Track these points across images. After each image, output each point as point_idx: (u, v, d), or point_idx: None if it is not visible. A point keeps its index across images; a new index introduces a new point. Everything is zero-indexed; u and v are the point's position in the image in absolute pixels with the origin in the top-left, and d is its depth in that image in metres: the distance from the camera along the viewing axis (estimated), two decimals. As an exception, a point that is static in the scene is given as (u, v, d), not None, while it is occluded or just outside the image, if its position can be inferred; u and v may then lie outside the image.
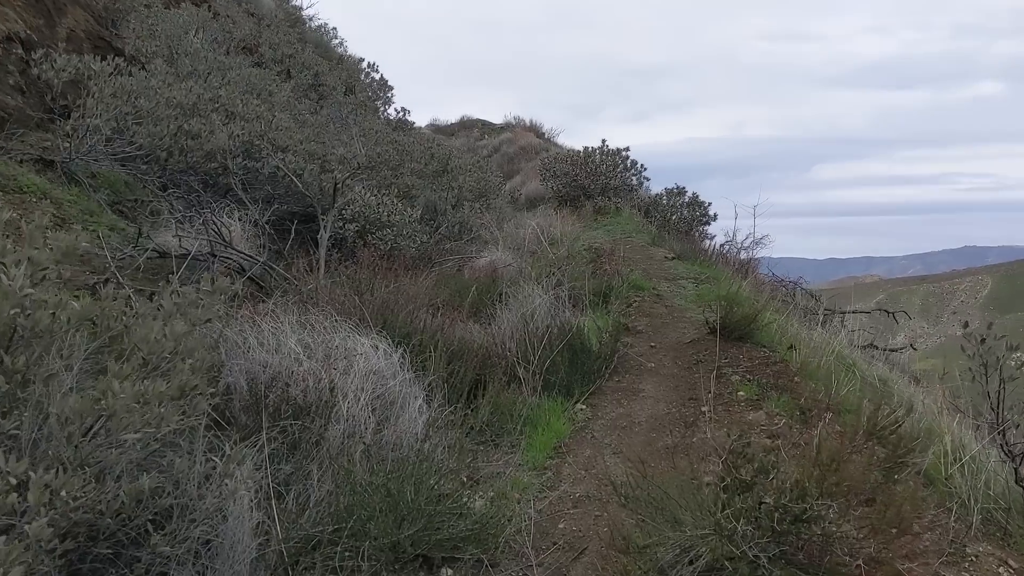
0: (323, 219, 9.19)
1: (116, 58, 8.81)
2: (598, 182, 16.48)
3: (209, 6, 13.69)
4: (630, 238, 12.43)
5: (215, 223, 7.70)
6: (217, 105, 9.94)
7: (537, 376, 5.87)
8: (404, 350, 5.36)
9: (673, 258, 10.49)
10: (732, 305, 6.50)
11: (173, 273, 6.57)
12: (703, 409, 5.24)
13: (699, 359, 6.24)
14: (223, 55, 12.06)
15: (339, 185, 9.50)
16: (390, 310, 5.96)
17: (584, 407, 5.71)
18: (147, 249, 6.99)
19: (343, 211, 9.69)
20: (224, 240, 7.71)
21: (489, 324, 7.58)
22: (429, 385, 5.13)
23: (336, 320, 5.24)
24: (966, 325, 4.38)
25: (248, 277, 7.43)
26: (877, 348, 8.81)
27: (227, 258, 7.61)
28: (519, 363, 5.97)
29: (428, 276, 8.79)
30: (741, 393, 5.32)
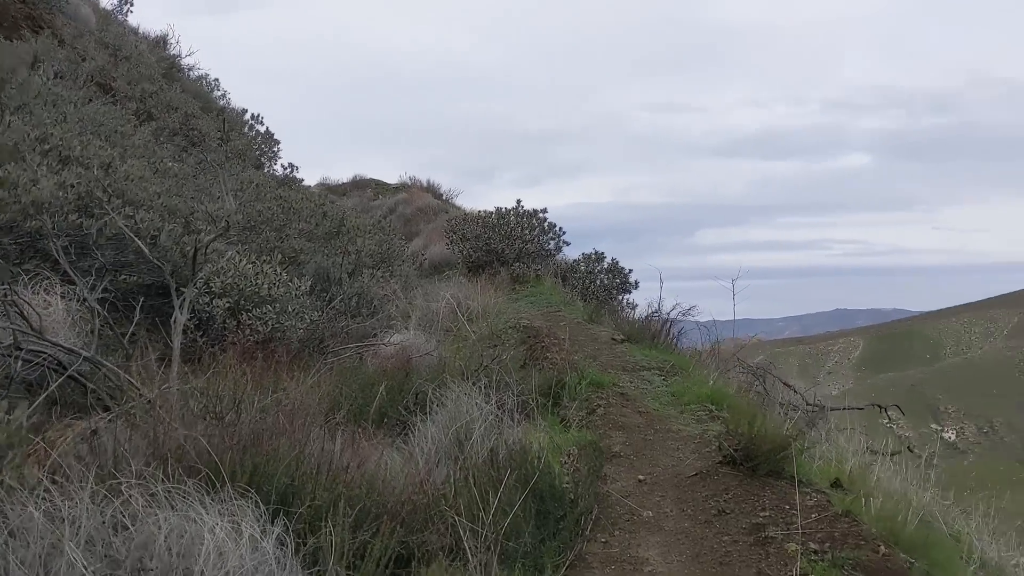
0: (181, 293, 7.03)
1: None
2: (513, 246, 14.74)
3: (54, 33, 11.36)
4: (559, 312, 10.61)
5: (17, 303, 5.49)
6: (47, 147, 7.73)
7: (491, 543, 3.88)
8: (286, 525, 3.33)
9: (623, 340, 8.71)
10: (751, 423, 4.70)
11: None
12: (757, 606, 3.36)
13: (720, 507, 4.37)
14: (65, 90, 9.79)
15: (203, 249, 7.36)
16: (263, 449, 3.88)
17: (565, 593, 3.75)
18: (-92, 345, 4.75)
19: (210, 283, 7.55)
20: (32, 327, 5.50)
21: (406, 439, 5.62)
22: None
23: (169, 481, 3.16)
24: None
25: (69, 377, 5.27)
26: (876, 452, 7.22)
27: (38, 352, 5.39)
28: (460, 519, 3.97)
29: (320, 371, 6.73)
30: (813, 579, 3.48)
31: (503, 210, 15.89)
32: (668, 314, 10.63)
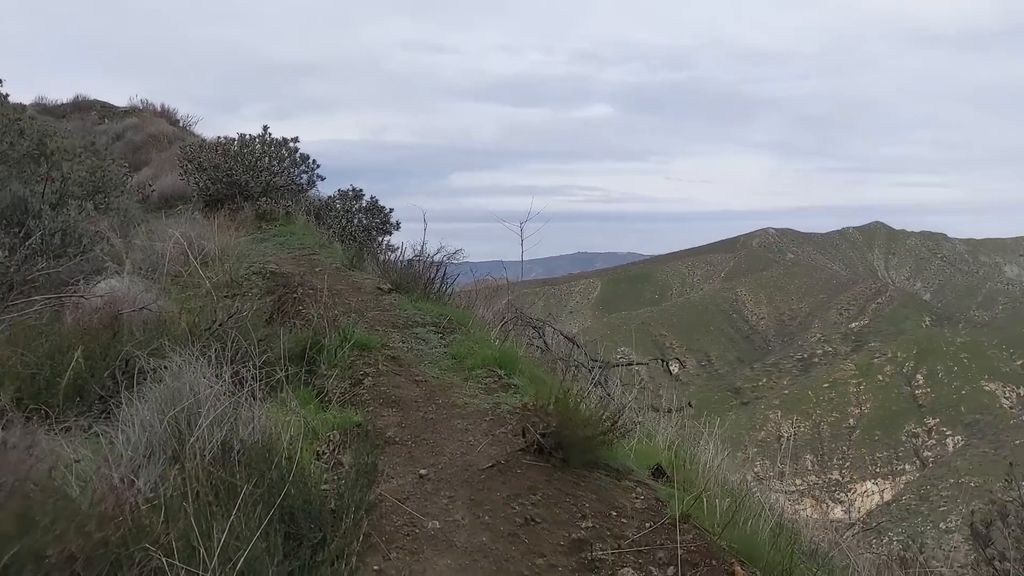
0: None
1: None
2: (260, 179, 13.03)
3: None
4: (314, 255, 9.26)
5: None
6: None
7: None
8: None
9: (391, 290, 7.56)
10: (562, 401, 3.79)
11: None
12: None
13: (527, 513, 3.42)
14: None
15: None
16: None
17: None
18: None
19: None
20: None
21: (109, 422, 4.22)
22: None
23: None
24: None
25: None
26: (658, 410, 6.73)
27: None
28: (172, 560, 2.74)
29: (-7, 331, 5.07)
30: (664, 620, 2.63)
31: (247, 137, 14.05)
32: (434, 258, 9.72)
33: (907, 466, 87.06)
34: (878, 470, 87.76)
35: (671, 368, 8.31)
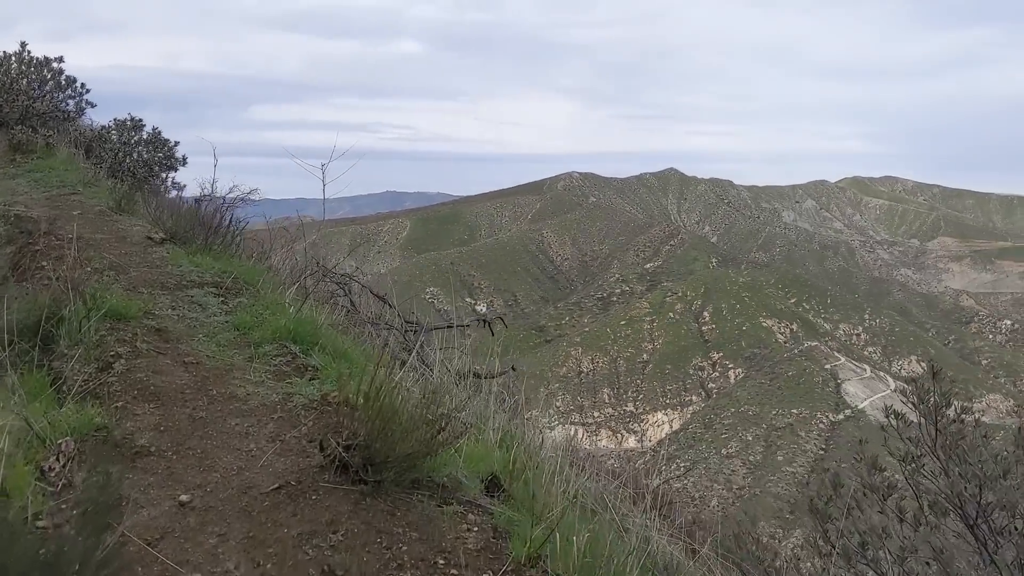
0: None
1: None
2: (17, 104, 11.13)
3: None
4: (75, 195, 7.74)
5: None
6: None
7: None
8: None
9: (164, 240, 6.28)
10: (375, 402, 2.91)
11: None
12: None
13: (324, 560, 2.54)
14: None
15: None
16: None
17: None
18: None
19: None
20: None
21: None
22: None
23: None
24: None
25: None
26: (480, 376, 6.06)
27: None
28: None
29: None
30: None
31: (2, 55, 12.02)
32: (225, 198, 8.49)
33: (694, 397, 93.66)
34: (668, 401, 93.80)
35: (493, 329, 7.65)
